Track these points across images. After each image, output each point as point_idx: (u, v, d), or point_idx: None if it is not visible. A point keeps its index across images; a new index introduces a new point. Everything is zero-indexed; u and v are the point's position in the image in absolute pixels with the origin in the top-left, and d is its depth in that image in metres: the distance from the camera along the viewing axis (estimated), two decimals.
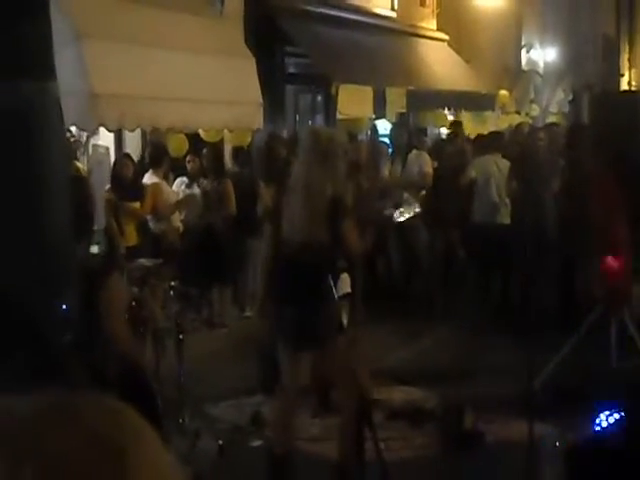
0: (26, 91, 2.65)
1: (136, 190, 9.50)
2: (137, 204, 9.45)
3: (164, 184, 9.98)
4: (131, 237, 9.36)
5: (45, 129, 2.73)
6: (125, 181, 9.43)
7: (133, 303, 6.26)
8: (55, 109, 2.80)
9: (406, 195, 10.73)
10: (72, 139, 9.69)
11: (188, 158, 10.53)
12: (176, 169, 10.69)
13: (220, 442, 6.10)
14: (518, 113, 18.52)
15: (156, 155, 10.13)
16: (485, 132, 12.65)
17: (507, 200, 9.99)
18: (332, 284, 5.02)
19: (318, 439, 6.37)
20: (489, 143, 10.74)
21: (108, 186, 9.62)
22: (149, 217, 9.64)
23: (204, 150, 10.51)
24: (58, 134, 2.92)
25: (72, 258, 2.98)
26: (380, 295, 9.76)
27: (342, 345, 5.05)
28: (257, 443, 6.34)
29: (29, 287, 2.76)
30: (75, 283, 2.89)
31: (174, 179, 10.57)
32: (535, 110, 19.51)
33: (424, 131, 14.34)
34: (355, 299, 7.04)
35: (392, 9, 16.29)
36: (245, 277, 10.34)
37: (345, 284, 6.98)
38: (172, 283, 6.60)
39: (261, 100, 11.06)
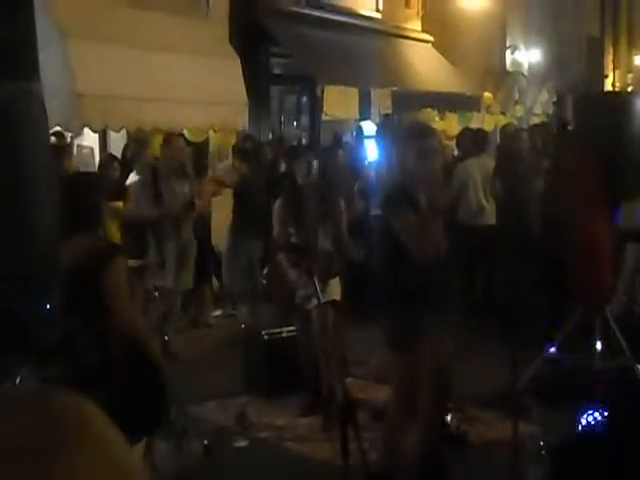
0: (9, 91, 2.65)
1: (119, 190, 9.49)
2: (120, 204, 9.44)
3: None
4: (114, 237, 9.33)
5: (29, 130, 2.73)
6: (110, 181, 9.41)
7: None
8: (39, 110, 2.80)
9: None
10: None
11: None
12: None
13: (205, 442, 6.11)
14: (503, 114, 18.58)
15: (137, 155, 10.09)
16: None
17: (491, 200, 10.00)
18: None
19: (305, 439, 6.39)
20: (474, 142, 10.74)
21: None
22: None
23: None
24: (42, 135, 2.91)
25: (56, 260, 2.98)
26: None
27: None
28: (242, 443, 6.35)
29: (12, 287, 2.76)
30: (59, 283, 2.89)
31: None
32: (519, 111, 19.58)
33: None
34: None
35: (377, 10, 16.33)
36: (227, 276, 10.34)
37: (335, 290, 6.97)
38: (156, 284, 6.61)
39: (246, 100, 11.06)
